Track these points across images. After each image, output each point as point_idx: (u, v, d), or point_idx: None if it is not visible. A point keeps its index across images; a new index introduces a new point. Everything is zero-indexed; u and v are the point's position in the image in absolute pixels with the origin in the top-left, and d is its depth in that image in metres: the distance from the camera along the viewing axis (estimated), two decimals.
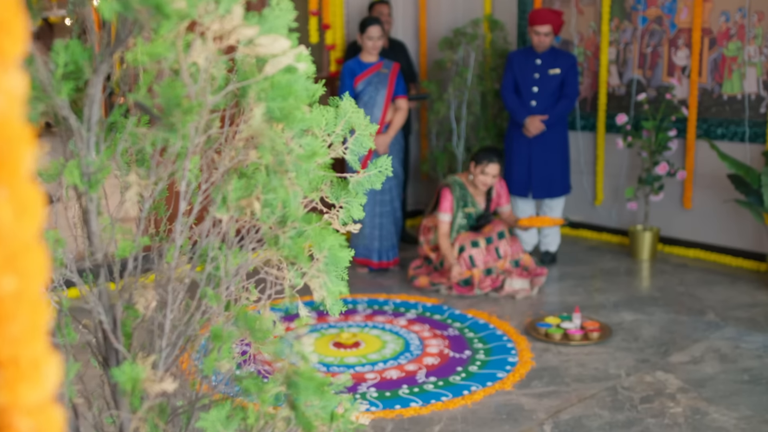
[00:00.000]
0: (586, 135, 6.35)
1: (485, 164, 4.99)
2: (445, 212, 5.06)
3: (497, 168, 5.01)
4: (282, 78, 1.05)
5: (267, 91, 1.05)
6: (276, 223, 1.15)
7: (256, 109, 1.00)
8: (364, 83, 5.28)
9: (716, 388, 3.55)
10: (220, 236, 1.16)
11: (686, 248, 5.78)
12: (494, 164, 5.00)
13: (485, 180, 5.02)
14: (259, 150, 1.02)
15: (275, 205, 1.13)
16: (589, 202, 6.41)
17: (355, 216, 1.37)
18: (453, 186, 5.10)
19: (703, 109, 5.62)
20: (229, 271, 1.17)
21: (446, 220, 5.05)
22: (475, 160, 5.05)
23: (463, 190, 5.11)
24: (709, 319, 4.45)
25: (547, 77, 5.44)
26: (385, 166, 1.34)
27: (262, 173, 1.08)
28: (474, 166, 5.04)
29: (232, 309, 1.26)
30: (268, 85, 1.06)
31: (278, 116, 1.06)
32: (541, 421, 3.26)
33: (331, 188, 1.33)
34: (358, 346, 4.12)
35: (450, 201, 5.05)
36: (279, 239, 1.13)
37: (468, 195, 5.11)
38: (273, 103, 1.05)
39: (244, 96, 1.06)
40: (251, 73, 1.06)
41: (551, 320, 4.35)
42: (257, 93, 1.04)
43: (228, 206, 1.13)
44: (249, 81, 1.04)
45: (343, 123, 1.32)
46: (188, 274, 1.20)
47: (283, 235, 1.13)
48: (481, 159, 5.01)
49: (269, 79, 1.05)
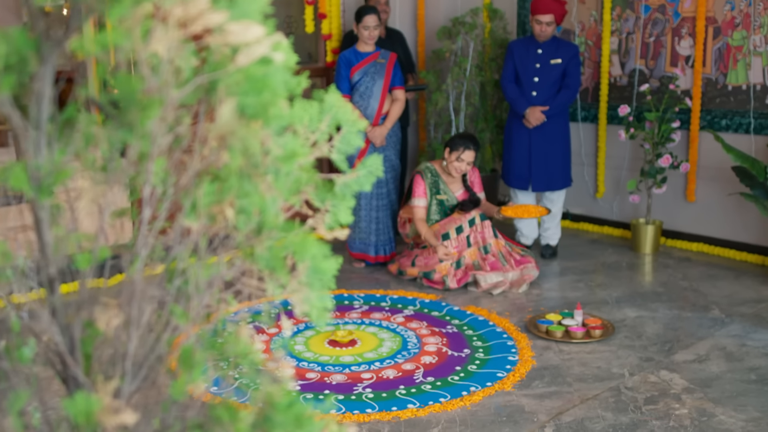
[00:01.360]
0: (588, 126, 6.23)
1: (461, 150, 4.90)
2: (419, 197, 4.99)
3: (473, 155, 4.93)
4: (256, 70, 0.94)
5: (239, 84, 0.93)
6: (252, 232, 1.03)
7: (225, 105, 0.89)
8: (360, 74, 5.16)
9: (723, 388, 3.44)
10: (189, 246, 1.04)
11: (689, 242, 5.67)
12: (470, 151, 4.91)
13: (460, 167, 4.92)
14: (229, 152, 0.91)
15: (251, 211, 1.02)
16: (591, 194, 6.29)
17: (342, 220, 1.25)
18: (425, 172, 5.03)
19: (707, 100, 5.50)
20: (200, 285, 1.05)
21: (421, 204, 4.99)
22: (450, 146, 4.96)
23: (435, 177, 5.01)
24: (714, 316, 4.34)
25: (548, 67, 5.32)
26: (376, 167, 1.23)
27: (236, 176, 0.96)
28: (449, 152, 4.94)
29: (206, 323, 1.14)
30: (241, 77, 0.94)
31: (252, 113, 0.94)
32: (543, 423, 3.16)
33: (316, 190, 1.21)
34: (354, 345, 4.01)
35: (423, 186, 5.00)
36: (254, 250, 1.02)
37: (441, 182, 5.01)
38: (246, 98, 0.93)
39: (214, 91, 0.94)
40: (222, 64, 0.94)
41: (552, 317, 4.24)
42: (228, 87, 0.93)
43: (198, 213, 1.01)
44: (217, 73, 0.92)
45: (329, 119, 1.20)
46: (158, 289, 1.08)
47: (260, 246, 1.02)
48: (457, 145, 4.92)
49: (242, 71, 0.94)
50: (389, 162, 5.30)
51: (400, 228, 5.20)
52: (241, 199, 0.99)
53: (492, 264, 4.78)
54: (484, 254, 4.83)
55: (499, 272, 4.75)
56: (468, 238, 4.83)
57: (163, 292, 1.09)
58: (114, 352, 1.04)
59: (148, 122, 0.88)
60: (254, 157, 0.94)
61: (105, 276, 1.10)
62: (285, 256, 1.03)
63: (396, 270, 5.10)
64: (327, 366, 3.76)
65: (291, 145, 1.05)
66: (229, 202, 1.01)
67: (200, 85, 0.98)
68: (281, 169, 1.02)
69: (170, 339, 1.06)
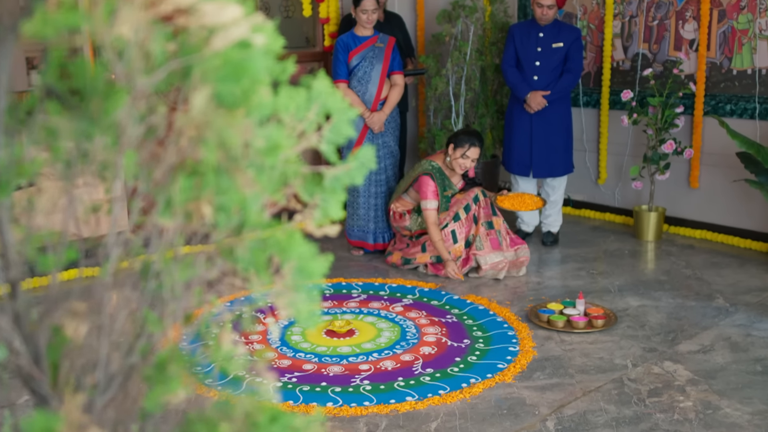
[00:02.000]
0: (590, 111, 6.13)
1: (466, 148, 4.78)
2: (431, 199, 4.76)
3: (478, 152, 4.81)
4: (233, 54, 0.85)
5: (215, 71, 0.85)
6: (232, 231, 0.95)
7: (197, 93, 0.80)
8: (358, 58, 5.06)
9: (728, 380, 3.37)
10: (164, 246, 0.96)
11: (693, 229, 5.59)
12: (475, 148, 4.79)
13: (464, 164, 4.80)
14: (204, 145, 0.82)
15: (231, 208, 0.93)
16: (592, 180, 6.20)
17: (333, 215, 1.17)
18: (434, 174, 4.83)
19: (711, 85, 5.40)
20: (176, 288, 0.97)
21: (433, 207, 4.76)
22: (454, 142, 4.82)
23: (442, 175, 4.87)
24: (718, 305, 4.26)
25: (549, 51, 5.22)
26: (368, 159, 1.14)
27: (213, 172, 0.88)
28: (453, 148, 4.82)
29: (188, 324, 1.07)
30: (218, 63, 0.86)
31: (229, 102, 0.86)
32: (544, 416, 3.09)
33: (304, 184, 1.13)
34: (352, 335, 3.94)
35: (434, 187, 4.78)
36: (234, 250, 0.94)
37: (446, 179, 4.89)
38: (222, 85, 0.85)
39: (188, 78, 0.86)
40: (197, 48, 0.86)
41: (553, 306, 4.16)
42: (203, 73, 0.84)
43: (173, 211, 0.93)
44: (191, 58, 0.83)
45: (317, 107, 1.11)
46: (132, 290, 1.00)
47: (240, 246, 0.94)
48: (462, 142, 4.79)
49: (219, 55, 0.85)
50: (388, 148, 5.21)
51: (395, 222, 5.02)
52: (220, 195, 0.91)
53: (492, 240, 4.71)
54: (488, 229, 4.75)
55: (499, 252, 4.68)
56: (474, 216, 4.76)
57: (138, 295, 1.01)
58: (84, 361, 0.96)
59: (114, 112, 0.80)
60: (232, 150, 0.85)
61: (79, 275, 1.03)
62: (268, 256, 0.95)
63: (400, 260, 4.98)
64: (324, 357, 3.69)
65: (275, 137, 0.97)
66: (207, 198, 0.93)
67: (174, 72, 0.89)
68: (264, 162, 0.94)
69: (145, 347, 0.98)
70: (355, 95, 5.06)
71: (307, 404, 3.21)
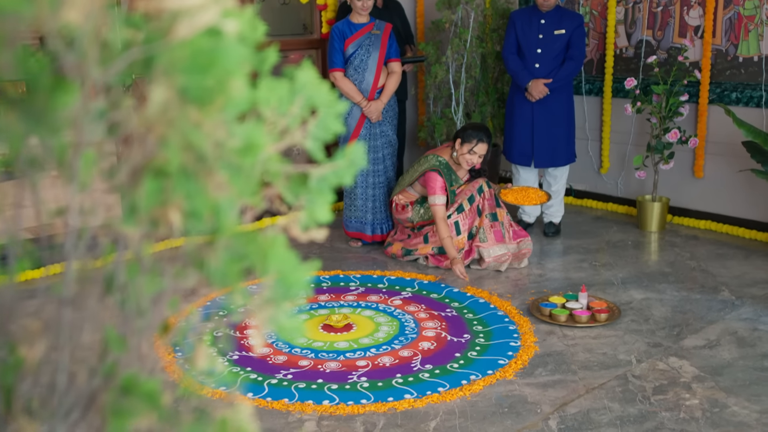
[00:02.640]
0: (592, 100, 6.02)
1: (474, 143, 4.66)
2: (439, 195, 4.62)
3: (486, 148, 4.68)
4: (201, 43, 0.75)
5: (179, 62, 0.75)
6: (204, 240, 0.85)
7: (156, 88, 0.71)
8: (354, 46, 4.94)
9: (735, 377, 3.28)
10: (129, 257, 0.87)
11: (697, 219, 5.49)
12: (483, 144, 4.67)
13: (471, 159, 4.68)
14: (164, 146, 0.73)
15: (202, 214, 0.84)
16: (595, 170, 6.10)
17: (320, 218, 1.07)
18: (441, 170, 4.70)
19: (716, 72, 5.29)
20: (143, 303, 0.88)
21: (442, 203, 4.62)
22: (461, 137, 4.70)
23: (449, 170, 4.76)
24: (724, 298, 4.17)
25: (551, 38, 5.11)
26: (357, 157, 1.04)
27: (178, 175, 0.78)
28: (460, 144, 4.70)
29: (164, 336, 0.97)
30: (184, 53, 0.76)
31: (196, 96, 0.76)
32: (546, 415, 3.00)
33: (288, 184, 1.03)
34: (349, 330, 3.85)
35: (442, 182, 4.65)
36: (206, 261, 0.84)
37: (453, 174, 4.78)
38: (189, 78, 0.75)
39: (150, 70, 0.76)
40: (159, 36, 0.76)
41: (556, 299, 4.07)
42: (165, 64, 0.74)
43: (138, 217, 0.84)
44: (152, 47, 0.74)
45: (302, 100, 1.02)
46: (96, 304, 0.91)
47: (213, 256, 0.84)
48: (470, 137, 4.67)
49: (184, 45, 0.75)
50: (386, 138, 5.10)
51: (397, 213, 4.91)
52: (190, 199, 0.81)
53: (496, 233, 4.61)
54: (492, 221, 4.65)
55: (503, 244, 4.59)
56: (478, 208, 4.66)
57: (102, 310, 0.91)
58: (41, 385, 0.87)
59: (64, 109, 0.70)
60: (200, 150, 0.76)
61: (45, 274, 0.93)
62: (244, 268, 0.86)
63: (401, 251, 4.88)
64: (321, 353, 3.60)
65: (252, 134, 0.87)
66: (176, 203, 0.83)
67: (136, 63, 0.79)
68: (239, 163, 0.84)
69: (109, 368, 0.88)
70: (352, 84, 4.95)
71: (302, 402, 3.12)
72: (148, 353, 0.97)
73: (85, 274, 0.90)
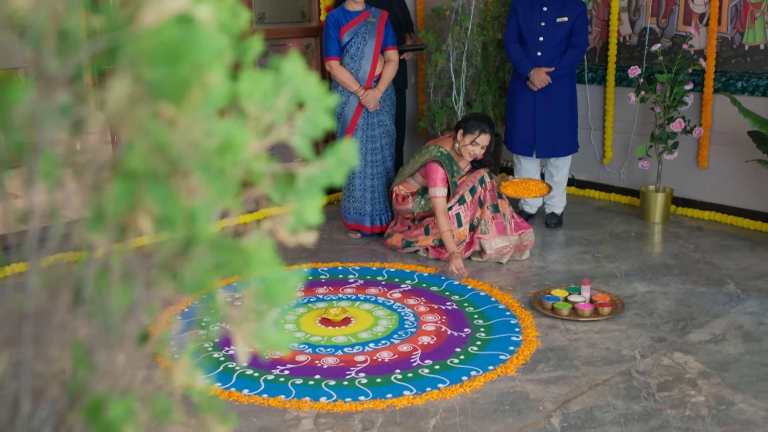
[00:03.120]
0: (595, 88, 5.93)
1: (476, 134, 4.57)
2: (440, 187, 4.54)
3: (488, 139, 4.60)
4: (170, 32, 0.67)
5: (147, 53, 0.67)
6: (178, 248, 0.78)
7: (117, 81, 0.63)
8: (350, 34, 4.85)
9: (741, 373, 3.21)
10: (97, 266, 0.79)
11: (701, 210, 5.41)
12: (486, 135, 4.59)
13: (474, 151, 4.60)
14: (126, 146, 0.65)
15: (176, 220, 0.76)
16: (597, 160, 6.02)
17: (309, 221, 0.99)
18: (443, 161, 4.62)
19: (722, 61, 5.20)
20: (113, 317, 0.80)
21: (442, 194, 4.54)
22: (463, 128, 4.61)
23: (451, 161, 4.67)
24: (729, 291, 4.10)
25: (553, 26, 5.01)
26: (348, 155, 0.97)
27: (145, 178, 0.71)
28: (462, 134, 4.61)
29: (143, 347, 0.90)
30: (154, 43, 0.68)
31: (165, 92, 0.68)
32: (549, 412, 2.93)
33: (275, 184, 0.96)
34: (348, 323, 3.78)
35: (443, 174, 4.56)
36: (179, 272, 0.77)
37: (454, 165, 4.69)
38: (156, 71, 0.67)
39: (113, 61, 0.68)
40: (123, 24, 0.68)
41: (558, 293, 4.00)
42: (130, 56, 0.67)
43: (105, 224, 0.76)
44: (113, 37, 0.66)
45: (288, 93, 0.94)
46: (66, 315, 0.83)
47: (186, 267, 0.77)
48: (473, 128, 4.58)
49: (151, 34, 0.68)
50: (384, 127, 5.01)
51: (398, 204, 4.82)
52: (161, 204, 0.74)
53: (498, 225, 4.54)
54: (494, 213, 4.57)
55: (504, 236, 4.52)
56: (480, 199, 4.58)
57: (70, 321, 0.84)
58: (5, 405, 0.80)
59: (15, 105, 0.63)
60: (168, 150, 0.68)
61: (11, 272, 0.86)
62: (220, 278, 0.78)
63: (401, 243, 4.80)
64: (318, 348, 3.53)
65: (231, 132, 0.79)
66: (146, 208, 0.75)
67: (101, 54, 0.71)
68: (216, 164, 0.76)
69: (76, 387, 0.81)
70: (348, 73, 4.86)
71: (299, 399, 3.06)
72: (124, 367, 0.90)
73: (51, 282, 0.83)
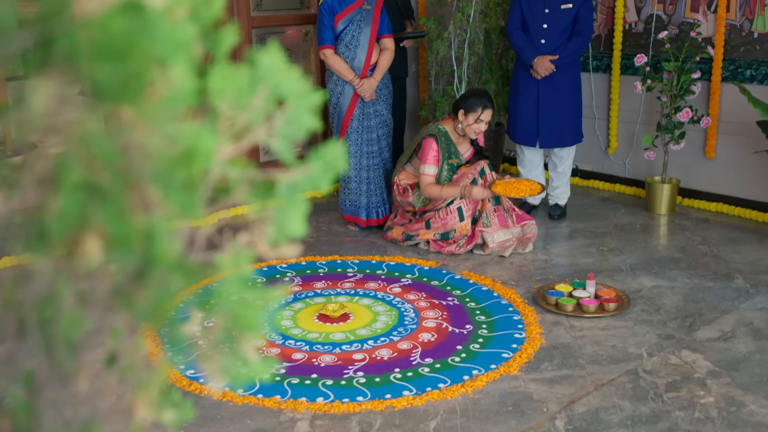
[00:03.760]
0: (600, 77, 5.81)
1: (480, 111, 4.46)
2: (430, 164, 4.48)
3: (491, 113, 4.52)
4: (116, 23, 0.57)
5: (86, 46, 0.56)
6: (132, 273, 0.67)
7: (41, 81, 0.52)
8: (344, 22, 4.72)
9: (752, 372, 3.11)
10: (43, 292, 0.69)
11: (708, 202, 5.30)
12: (489, 110, 4.49)
13: (479, 128, 4.50)
14: (59, 158, 0.55)
15: (130, 241, 0.66)
16: (602, 150, 5.90)
17: (293, 231, 0.89)
18: (438, 137, 4.55)
19: (730, 49, 5.07)
20: (63, 347, 0.70)
21: (432, 173, 4.49)
22: (464, 107, 4.50)
23: (448, 140, 4.57)
24: (738, 285, 3.99)
25: (558, 13, 4.88)
26: (334, 158, 0.86)
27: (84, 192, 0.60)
28: (464, 114, 4.50)
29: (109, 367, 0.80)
30: (94, 35, 0.57)
31: (111, 92, 0.58)
32: (553, 414, 2.84)
33: (253, 192, 0.85)
34: (346, 319, 3.68)
35: (436, 152, 4.49)
36: (133, 300, 0.66)
37: (452, 145, 4.58)
38: (98, 68, 0.57)
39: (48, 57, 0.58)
40: (58, 12, 0.57)
41: (562, 287, 3.89)
42: (66, 51, 0.56)
43: (49, 245, 0.66)
44: (47, 28, 0.55)
45: (266, 90, 0.83)
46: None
47: (142, 294, 0.66)
48: (474, 106, 4.47)
49: (93, 24, 0.57)
50: (380, 117, 4.89)
51: (399, 196, 4.70)
52: (111, 222, 0.63)
53: (500, 217, 4.43)
54: (495, 205, 4.47)
55: (507, 229, 4.41)
56: None
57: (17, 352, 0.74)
58: None
59: None
60: (112, 161, 0.57)
61: None
62: (178, 307, 0.68)
63: (401, 236, 4.69)
64: (315, 345, 3.43)
65: (198, 137, 0.69)
66: (95, 227, 0.65)
67: (33, 48, 0.61)
68: (176, 175, 0.66)
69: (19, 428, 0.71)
70: (343, 62, 4.74)
71: (295, 400, 2.96)
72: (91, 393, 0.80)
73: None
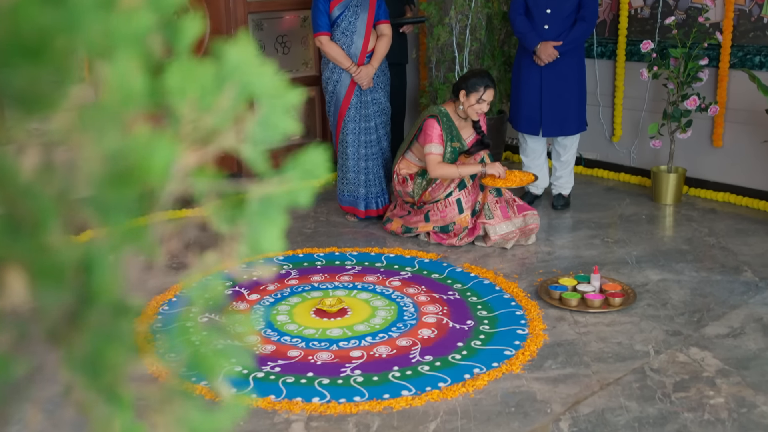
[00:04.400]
0: (604, 63, 5.68)
1: (481, 91, 4.34)
2: (435, 144, 4.36)
3: (493, 93, 4.41)
4: (28, 11, 0.45)
5: None
6: (66, 313, 0.56)
7: None
8: (340, 7, 4.58)
9: (762, 370, 3.01)
10: None
11: (715, 191, 5.18)
12: (491, 89, 4.38)
13: (482, 108, 4.38)
14: None
15: (60, 276, 0.55)
16: (606, 138, 5.78)
17: (268, 248, 0.78)
18: (440, 117, 4.44)
19: (739, 35, 4.94)
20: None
21: (438, 151, 4.37)
22: (465, 88, 4.37)
23: (450, 122, 4.45)
24: (747, 279, 3.88)
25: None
26: (314, 166, 0.75)
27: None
28: (465, 95, 4.38)
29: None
30: (6, 27, 0.46)
31: (24, 96, 0.46)
32: (557, 415, 2.73)
33: (220, 207, 0.74)
34: (344, 314, 3.58)
35: (439, 131, 4.38)
36: (69, 348, 0.55)
37: (454, 128, 4.47)
38: (7, 66, 0.45)
39: None
40: None
41: (566, 281, 3.79)
42: None
43: None
44: None
45: (234, 89, 0.72)
46: None
47: (77, 339, 0.55)
48: (476, 86, 4.35)
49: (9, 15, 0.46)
50: (378, 105, 4.76)
51: (399, 186, 4.58)
52: (31, 254, 0.52)
53: (502, 209, 4.32)
54: (497, 197, 4.35)
55: (509, 221, 4.30)
56: (481, 183, 4.36)
57: None
58: None
59: None
60: (15, 183, 0.46)
61: None
62: (121, 353, 0.57)
63: (400, 228, 4.58)
64: (312, 342, 3.33)
65: (149, 147, 0.57)
66: (20, 258, 0.54)
67: None
68: (116, 195, 0.55)
69: None
70: (340, 48, 4.61)
71: (290, 400, 2.86)
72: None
73: None
